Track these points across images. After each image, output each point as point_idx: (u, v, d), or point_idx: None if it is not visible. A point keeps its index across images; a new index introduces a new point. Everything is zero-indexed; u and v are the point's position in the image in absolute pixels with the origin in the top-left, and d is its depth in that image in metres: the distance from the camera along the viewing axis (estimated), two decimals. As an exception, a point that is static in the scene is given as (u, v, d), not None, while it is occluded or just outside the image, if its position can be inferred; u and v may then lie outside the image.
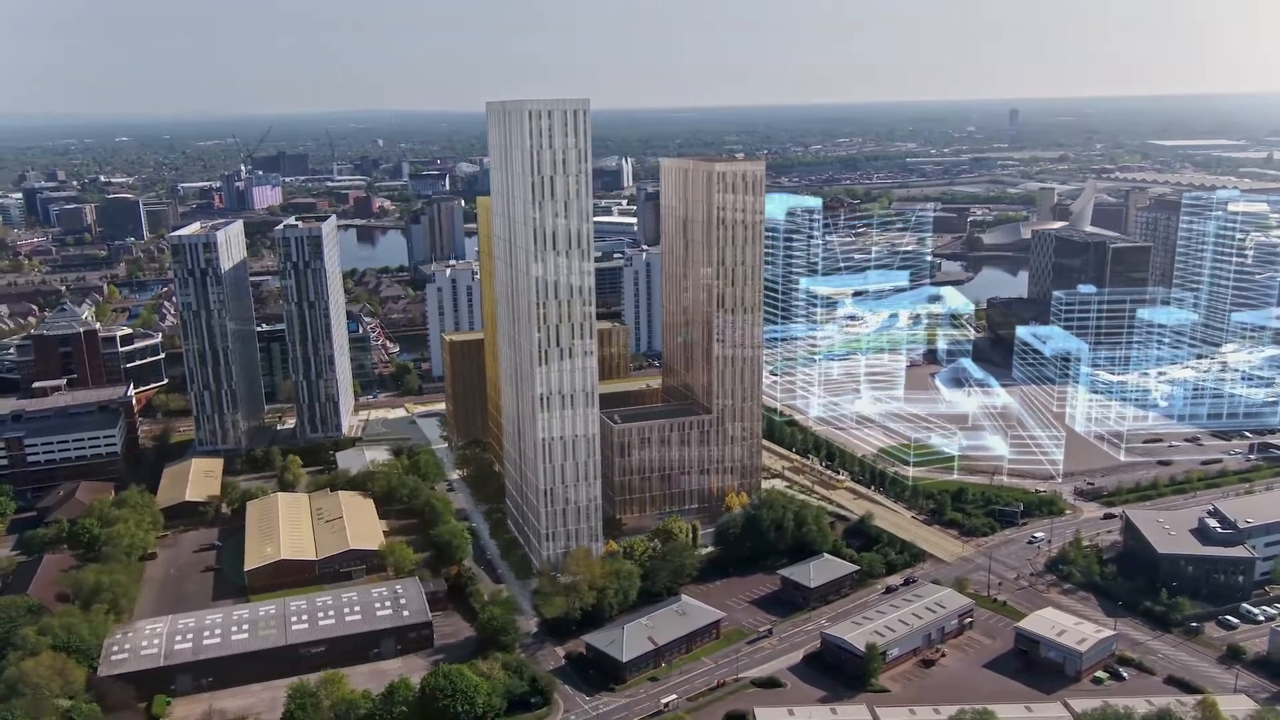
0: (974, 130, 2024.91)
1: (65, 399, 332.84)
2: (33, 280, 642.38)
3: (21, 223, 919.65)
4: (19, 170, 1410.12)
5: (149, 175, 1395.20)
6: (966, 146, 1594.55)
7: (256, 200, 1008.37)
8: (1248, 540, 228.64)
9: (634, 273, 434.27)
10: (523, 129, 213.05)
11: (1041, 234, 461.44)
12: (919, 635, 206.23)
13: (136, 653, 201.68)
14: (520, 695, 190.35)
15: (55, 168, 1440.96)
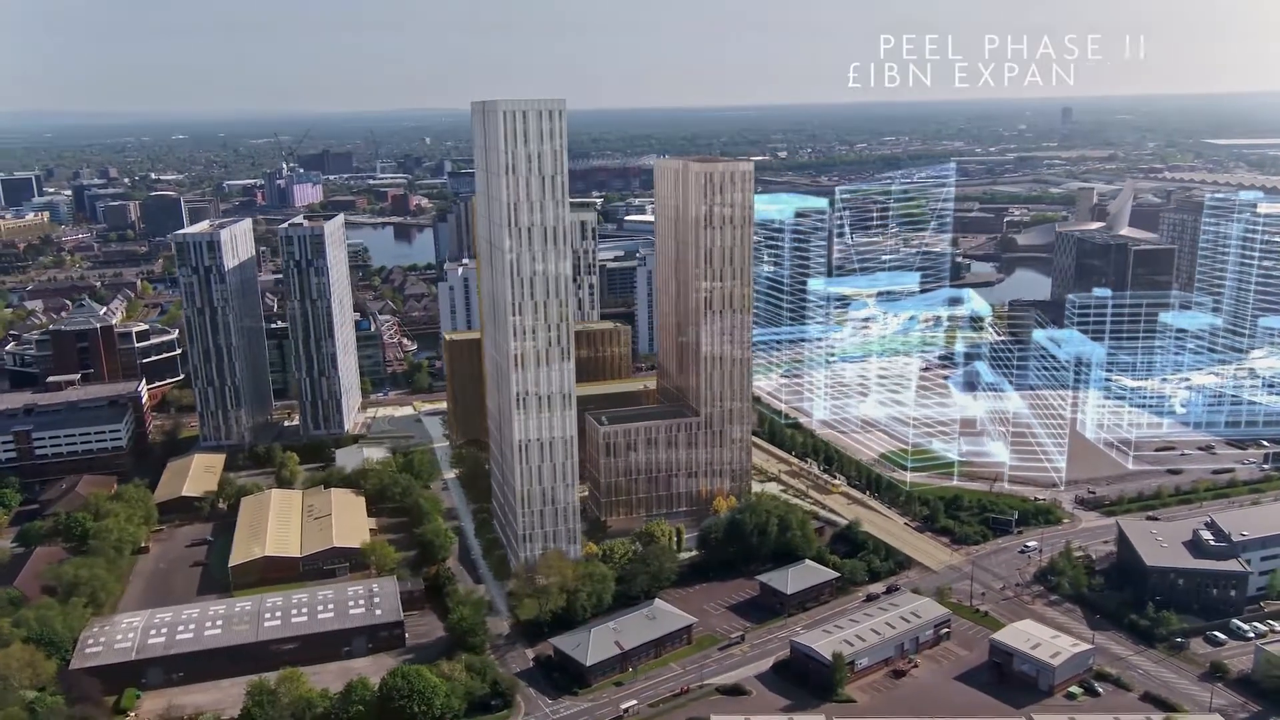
0: (1025, 129, 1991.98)
1: (78, 393, 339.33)
2: (72, 276, 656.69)
3: (70, 219, 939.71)
4: (76, 168, 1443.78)
5: (199, 173, 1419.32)
6: (1015, 145, 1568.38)
7: (297, 198, 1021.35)
8: (1242, 554, 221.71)
9: (647, 272, 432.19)
10: (498, 129, 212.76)
11: (1064, 235, 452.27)
12: (891, 645, 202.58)
13: (110, 646, 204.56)
14: (481, 697, 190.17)
15: (111, 165, 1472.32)
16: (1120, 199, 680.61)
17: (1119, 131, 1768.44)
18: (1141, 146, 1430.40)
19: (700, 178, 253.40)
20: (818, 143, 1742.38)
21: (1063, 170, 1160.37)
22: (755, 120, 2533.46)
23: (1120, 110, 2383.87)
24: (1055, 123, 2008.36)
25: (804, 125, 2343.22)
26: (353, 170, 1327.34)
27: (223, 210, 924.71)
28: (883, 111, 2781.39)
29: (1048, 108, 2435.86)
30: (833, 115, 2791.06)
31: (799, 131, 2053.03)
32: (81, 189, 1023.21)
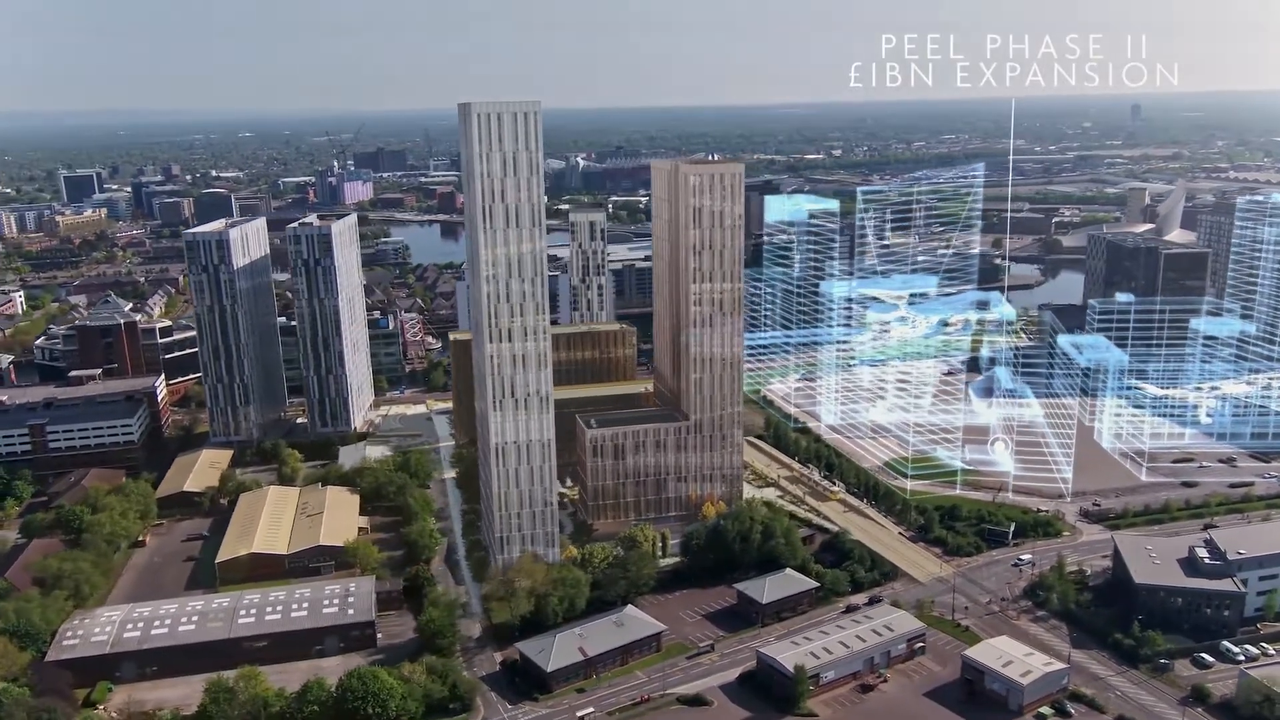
0: (1090, 126, 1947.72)
1: (97, 388, 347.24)
2: (120, 271, 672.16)
3: (128, 215, 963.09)
4: (141, 165, 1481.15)
5: (258, 170, 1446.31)
6: (1077, 144, 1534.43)
7: (348, 195, 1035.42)
8: (1239, 573, 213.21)
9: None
10: (474, 131, 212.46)
11: (1095, 238, 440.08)
12: (860, 658, 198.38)
13: (87, 639, 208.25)
14: (439, 700, 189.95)
15: (176, 163, 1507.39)
16: (1171, 200, 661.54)
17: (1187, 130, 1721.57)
18: (1209, 145, 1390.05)
19: (690, 179, 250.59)
20: (875, 141, 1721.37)
21: (1123, 169, 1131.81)
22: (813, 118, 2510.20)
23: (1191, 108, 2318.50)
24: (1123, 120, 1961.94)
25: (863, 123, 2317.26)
26: (406, 168, 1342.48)
27: (275, 207, 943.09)
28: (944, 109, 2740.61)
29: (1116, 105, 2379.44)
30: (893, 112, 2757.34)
31: (857, 129, 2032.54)
32: (140, 186, 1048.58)
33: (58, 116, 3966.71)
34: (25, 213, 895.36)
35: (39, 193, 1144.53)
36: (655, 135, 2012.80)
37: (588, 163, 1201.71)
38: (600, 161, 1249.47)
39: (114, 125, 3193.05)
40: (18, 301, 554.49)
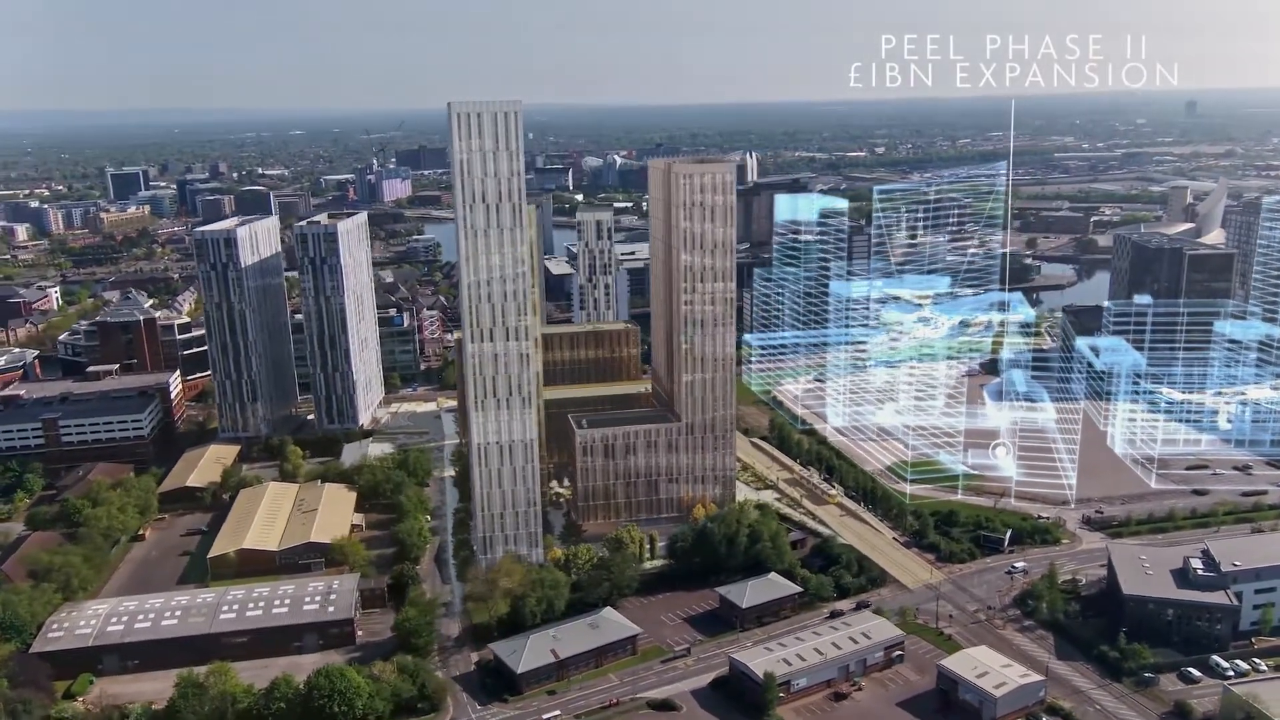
0: (1143, 123, 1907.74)
1: (114, 383, 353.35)
2: (158, 268, 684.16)
3: (172, 212, 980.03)
4: (190, 162, 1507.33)
5: (305, 168, 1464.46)
6: (1127, 141, 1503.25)
7: (386, 193, 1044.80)
8: (1233, 585, 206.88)
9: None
10: (454, 130, 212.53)
11: (1120, 238, 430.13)
12: (834, 666, 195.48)
13: (71, 632, 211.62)
14: (408, 700, 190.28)
15: (224, 160, 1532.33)
16: (1211, 199, 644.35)
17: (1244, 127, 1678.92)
18: (1264, 142, 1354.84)
19: (680, 179, 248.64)
20: (920, 138, 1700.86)
21: (1171, 167, 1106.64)
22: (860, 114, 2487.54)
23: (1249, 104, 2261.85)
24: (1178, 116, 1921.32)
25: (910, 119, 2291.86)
26: (447, 165, 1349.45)
27: (314, 205, 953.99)
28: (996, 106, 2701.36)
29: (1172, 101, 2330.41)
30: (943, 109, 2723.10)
31: (903, 126, 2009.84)
32: (184, 183, 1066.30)
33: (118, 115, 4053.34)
34: (72, 209, 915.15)
35: (89, 190, 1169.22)
36: (698, 132, 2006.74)
37: (625, 160, 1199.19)
38: (640, 159, 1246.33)
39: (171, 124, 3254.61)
40: (53, 297, 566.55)
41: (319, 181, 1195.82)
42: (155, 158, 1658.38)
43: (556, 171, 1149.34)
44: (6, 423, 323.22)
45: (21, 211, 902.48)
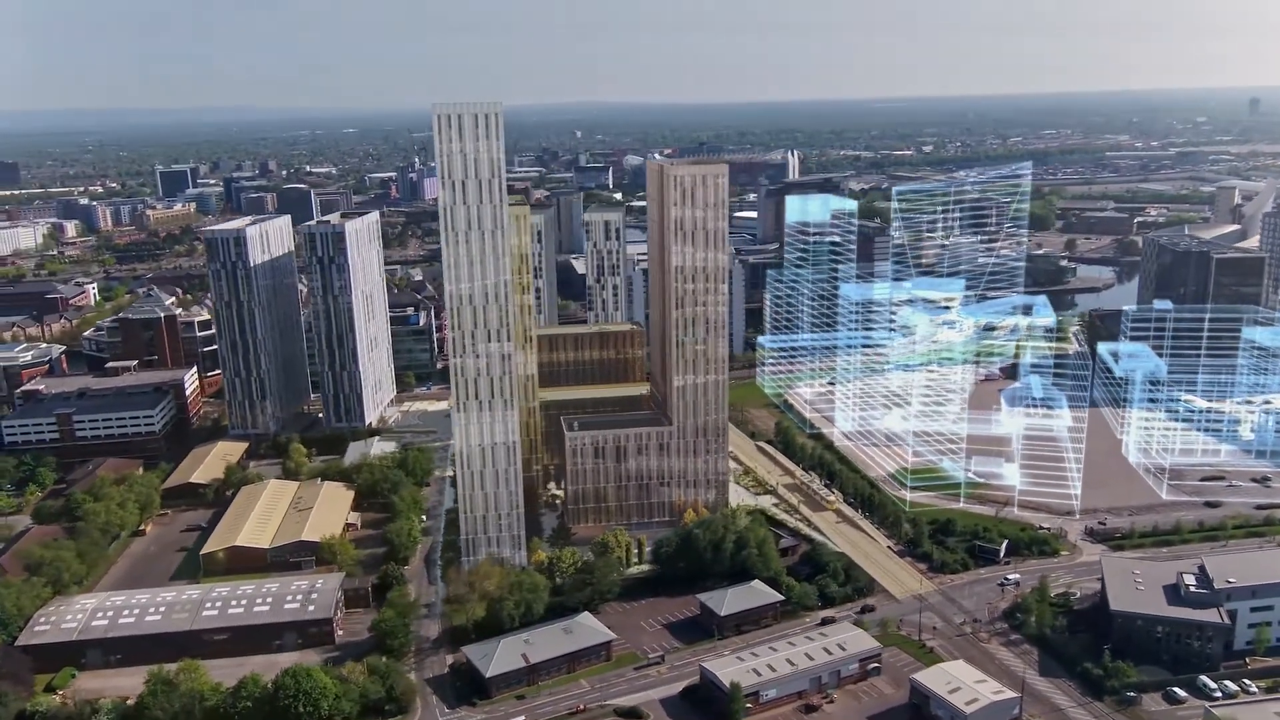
0: (1203, 121, 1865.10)
1: (132, 379, 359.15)
2: (197, 264, 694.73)
3: (218, 210, 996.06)
4: (241, 160, 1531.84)
5: (353, 166, 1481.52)
6: (1185, 139, 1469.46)
7: (427, 191, 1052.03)
8: (1227, 603, 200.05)
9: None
10: (435, 132, 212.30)
11: (1149, 240, 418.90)
12: (805, 677, 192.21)
13: (58, 625, 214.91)
14: (375, 701, 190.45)
15: (275, 158, 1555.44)
16: (1258, 200, 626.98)
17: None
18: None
19: (671, 180, 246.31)
20: (971, 136, 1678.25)
21: (1226, 166, 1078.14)
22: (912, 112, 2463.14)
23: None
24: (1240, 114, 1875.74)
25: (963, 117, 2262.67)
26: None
27: (356, 202, 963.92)
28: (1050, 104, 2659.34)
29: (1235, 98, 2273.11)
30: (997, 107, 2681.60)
31: (954, 125, 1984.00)
32: (230, 181, 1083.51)
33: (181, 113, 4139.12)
34: (121, 206, 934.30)
35: (141, 187, 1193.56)
36: (746, 130, 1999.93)
37: (666, 158, 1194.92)
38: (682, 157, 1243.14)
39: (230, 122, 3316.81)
40: (91, 293, 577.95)
41: (364, 179, 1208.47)
42: (210, 155, 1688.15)
43: (597, 170, 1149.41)
44: (23, 417, 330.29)
45: (72, 208, 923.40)
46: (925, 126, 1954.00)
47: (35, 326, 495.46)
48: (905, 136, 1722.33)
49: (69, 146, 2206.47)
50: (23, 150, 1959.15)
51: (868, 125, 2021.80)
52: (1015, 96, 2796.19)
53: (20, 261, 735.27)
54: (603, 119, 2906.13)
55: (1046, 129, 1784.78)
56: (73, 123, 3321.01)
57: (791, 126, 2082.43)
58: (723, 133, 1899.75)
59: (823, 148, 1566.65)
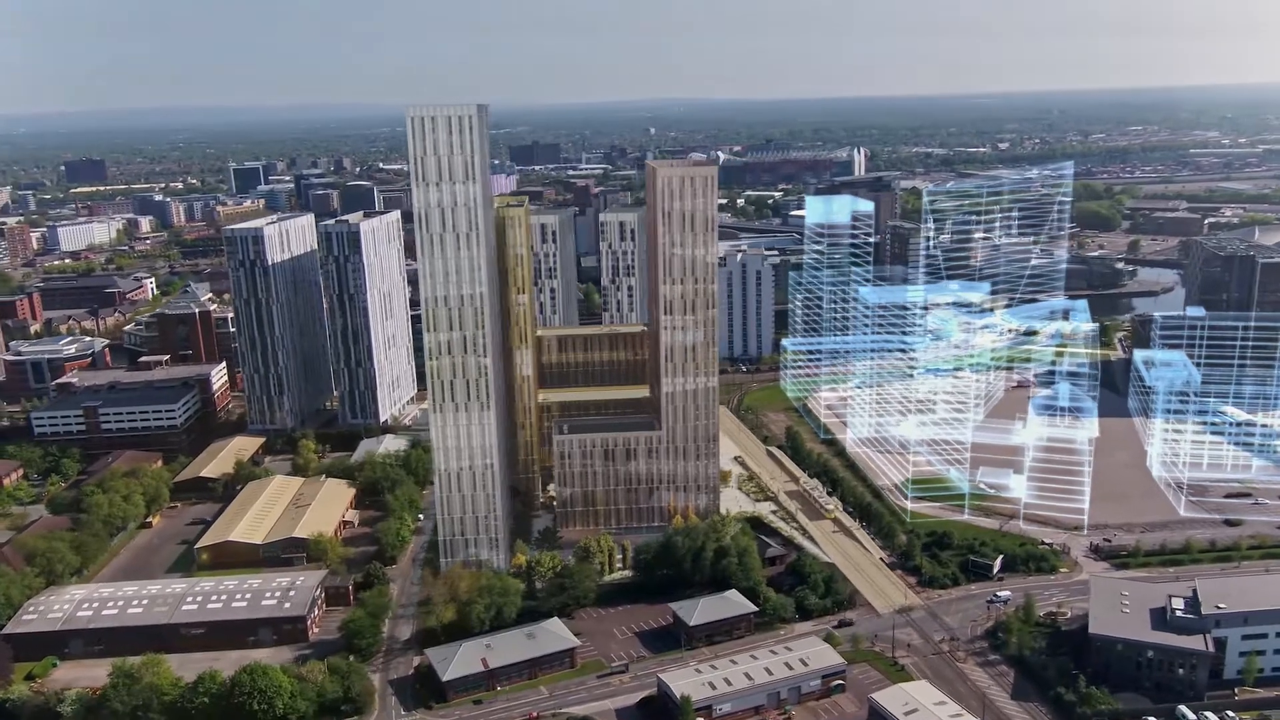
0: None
1: (161, 374, 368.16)
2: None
3: (287, 206, 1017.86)
4: (319, 156, 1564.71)
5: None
6: (1276, 136, 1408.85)
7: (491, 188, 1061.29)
8: (1216, 629, 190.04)
9: (727, 273, 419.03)
10: (410, 135, 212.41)
11: (1195, 243, 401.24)
12: (763, 692, 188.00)
13: (45, 615, 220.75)
14: (332, 701, 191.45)
15: (353, 155, 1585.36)
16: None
17: None
18: None
19: (659, 180, 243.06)
20: (1051, 133, 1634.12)
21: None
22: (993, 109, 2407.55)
23: None
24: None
25: (1048, 114, 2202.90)
26: (559, 161, 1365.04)
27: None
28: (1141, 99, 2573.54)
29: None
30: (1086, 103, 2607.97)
31: (1037, 121, 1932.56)
32: (301, 178, 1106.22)
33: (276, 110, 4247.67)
34: (194, 203, 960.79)
35: (219, 184, 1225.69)
36: (821, 127, 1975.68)
37: (728, 156, 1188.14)
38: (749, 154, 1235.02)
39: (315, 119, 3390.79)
40: (149, 287, 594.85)
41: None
42: (291, 152, 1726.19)
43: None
44: (53, 409, 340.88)
45: (148, 204, 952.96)
46: (1007, 123, 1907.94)
47: (90, 320, 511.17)
48: (983, 133, 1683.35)
49: (160, 144, 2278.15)
50: (115, 147, 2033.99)
51: (946, 122, 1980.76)
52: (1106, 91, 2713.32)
53: (92, 256, 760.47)
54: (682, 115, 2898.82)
55: (1134, 125, 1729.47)
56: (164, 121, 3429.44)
57: (868, 123, 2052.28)
58: (797, 129, 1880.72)
59: (896, 144, 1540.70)
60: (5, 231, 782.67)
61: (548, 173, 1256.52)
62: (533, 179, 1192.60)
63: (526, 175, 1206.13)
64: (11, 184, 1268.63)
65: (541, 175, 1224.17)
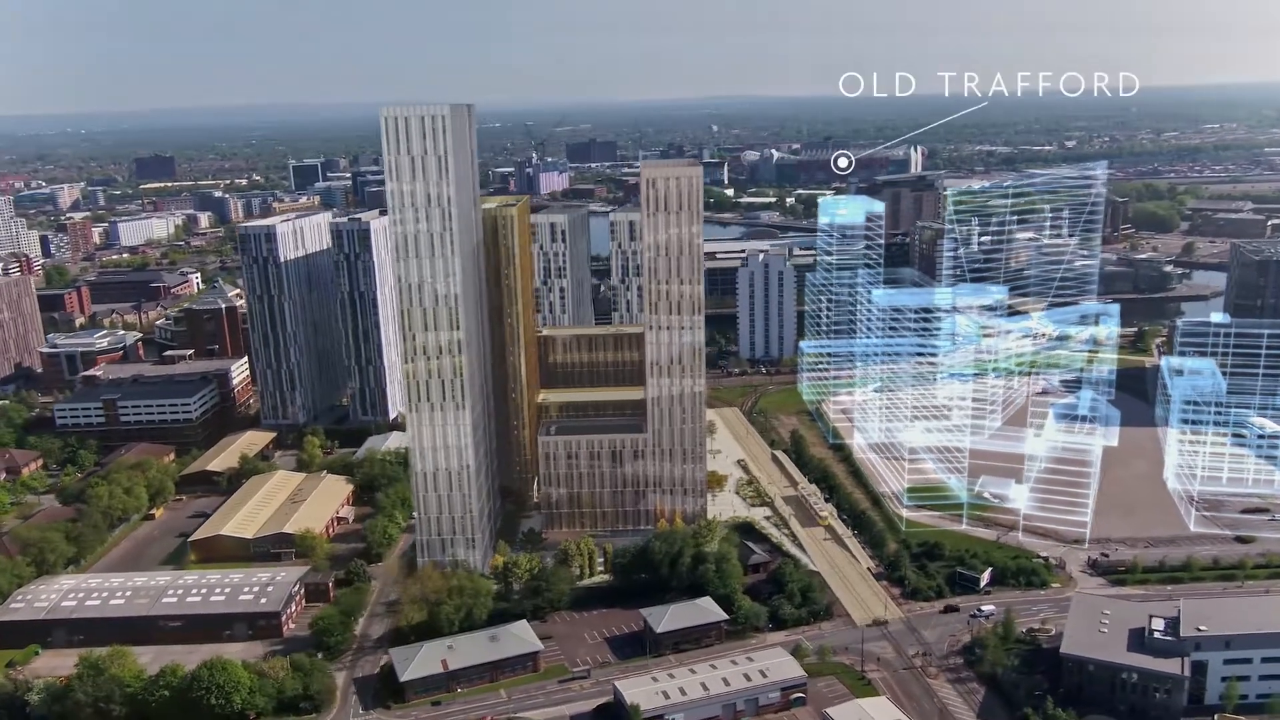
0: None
1: (184, 368, 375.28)
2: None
3: (344, 203, 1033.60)
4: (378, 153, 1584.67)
5: (486, 160, 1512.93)
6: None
7: (543, 185, 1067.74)
8: (1194, 652, 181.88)
9: (749, 273, 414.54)
10: (385, 136, 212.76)
11: (1235, 246, 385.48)
12: (719, 703, 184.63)
13: (31, 604, 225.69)
14: (292, 698, 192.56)
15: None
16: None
17: None
18: None
19: (647, 181, 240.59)
20: (1123, 131, 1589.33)
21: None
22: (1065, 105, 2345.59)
23: None
24: None
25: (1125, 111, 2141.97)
26: (615, 158, 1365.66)
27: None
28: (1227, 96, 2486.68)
29: None
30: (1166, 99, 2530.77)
31: (1107, 119, 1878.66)
32: (357, 174, 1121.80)
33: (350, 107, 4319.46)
34: (252, 199, 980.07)
35: (281, 180, 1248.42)
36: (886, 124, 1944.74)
37: (782, 154, 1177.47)
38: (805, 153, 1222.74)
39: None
40: (194, 282, 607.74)
41: (488, 173, 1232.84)
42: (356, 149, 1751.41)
43: (712, 165, 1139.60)
44: (75, 401, 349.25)
45: (208, 201, 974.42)
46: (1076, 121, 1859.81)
47: (133, 314, 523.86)
48: (1052, 131, 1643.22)
49: (235, 141, 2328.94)
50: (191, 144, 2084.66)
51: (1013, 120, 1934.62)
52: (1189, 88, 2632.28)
53: (149, 250, 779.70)
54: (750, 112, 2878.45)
55: (1211, 123, 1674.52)
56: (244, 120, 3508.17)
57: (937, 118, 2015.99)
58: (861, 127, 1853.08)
59: (960, 142, 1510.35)
60: (67, 226, 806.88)
61: (602, 170, 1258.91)
62: (587, 176, 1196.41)
63: (581, 173, 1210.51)
64: (86, 180, 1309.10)
65: (596, 173, 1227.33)
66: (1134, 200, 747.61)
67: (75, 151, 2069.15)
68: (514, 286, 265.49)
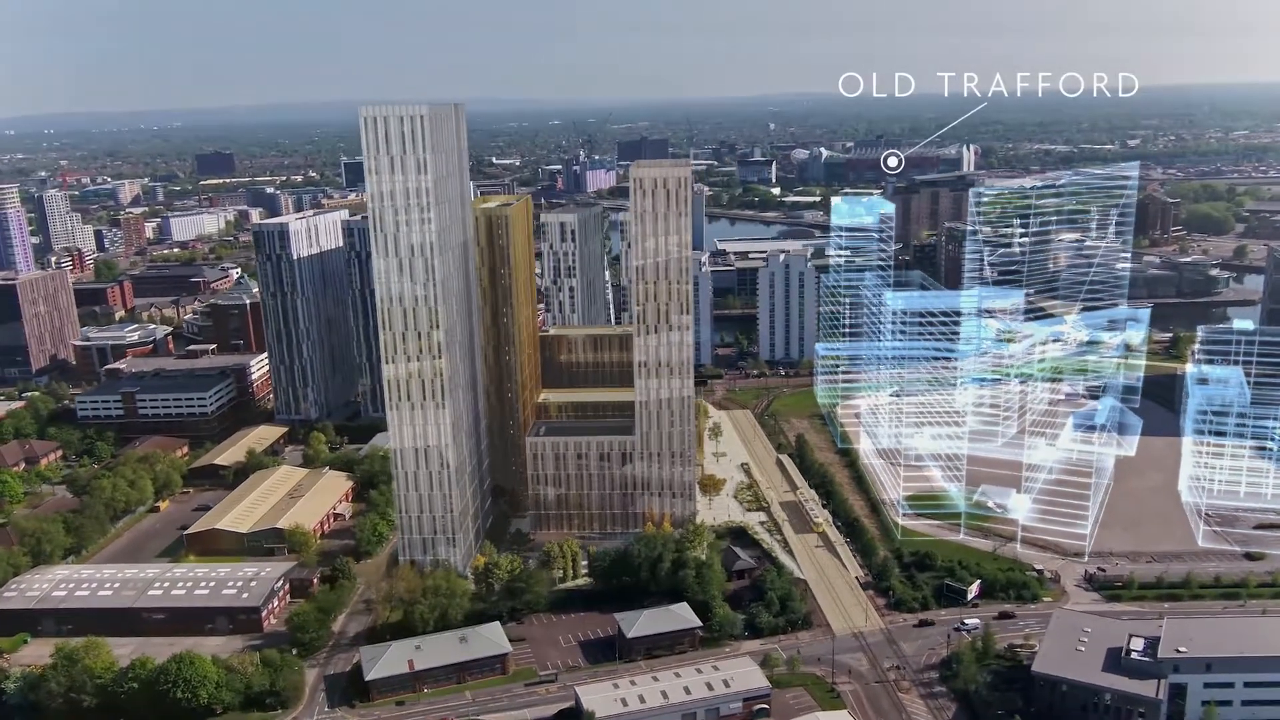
0: None
1: (205, 362, 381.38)
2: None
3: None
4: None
5: (540, 157, 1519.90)
6: None
7: (590, 183, 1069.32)
8: (1173, 674, 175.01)
9: (769, 274, 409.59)
10: (364, 136, 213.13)
11: (1273, 251, 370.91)
12: (678, 712, 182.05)
13: (24, 593, 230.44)
14: (258, 694, 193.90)
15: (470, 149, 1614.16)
16: None
17: None
18: None
19: (635, 181, 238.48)
20: (1191, 129, 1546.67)
21: None
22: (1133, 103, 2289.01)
23: None
24: None
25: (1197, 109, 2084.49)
26: (666, 156, 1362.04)
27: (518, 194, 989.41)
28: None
29: None
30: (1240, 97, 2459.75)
31: (1170, 116, 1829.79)
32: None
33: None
34: (302, 195, 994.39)
35: (335, 177, 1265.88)
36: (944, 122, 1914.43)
37: (833, 153, 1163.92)
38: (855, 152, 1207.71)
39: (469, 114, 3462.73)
40: (234, 277, 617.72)
41: (537, 171, 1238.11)
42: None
43: (760, 164, 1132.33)
44: (96, 394, 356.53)
45: (259, 197, 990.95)
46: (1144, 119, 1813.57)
47: (171, 308, 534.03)
48: (1117, 129, 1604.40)
49: (298, 138, 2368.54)
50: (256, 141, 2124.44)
51: (1078, 118, 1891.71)
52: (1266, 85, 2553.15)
53: (198, 245, 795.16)
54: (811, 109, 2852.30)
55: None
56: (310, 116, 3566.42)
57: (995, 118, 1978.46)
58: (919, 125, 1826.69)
59: (1019, 141, 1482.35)
60: (121, 221, 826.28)
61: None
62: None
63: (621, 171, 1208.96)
64: (148, 175, 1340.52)
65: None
66: (1189, 201, 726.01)
67: (144, 148, 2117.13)
68: (510, 285, 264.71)
